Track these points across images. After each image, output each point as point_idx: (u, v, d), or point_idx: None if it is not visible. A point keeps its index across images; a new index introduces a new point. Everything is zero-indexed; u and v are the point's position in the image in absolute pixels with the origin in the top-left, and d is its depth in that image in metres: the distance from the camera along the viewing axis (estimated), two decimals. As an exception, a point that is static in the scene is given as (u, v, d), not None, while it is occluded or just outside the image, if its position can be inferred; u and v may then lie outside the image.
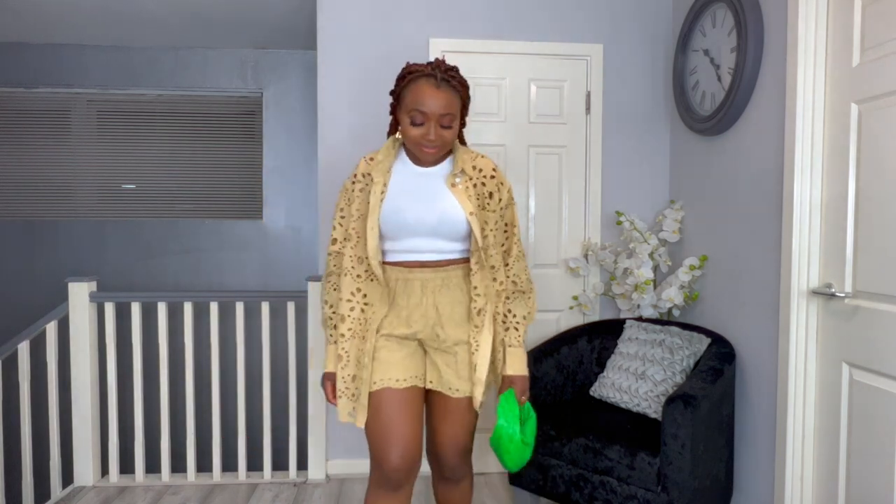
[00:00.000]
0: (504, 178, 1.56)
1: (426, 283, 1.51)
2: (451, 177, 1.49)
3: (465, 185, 1.49)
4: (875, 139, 1.64)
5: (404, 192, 1.50)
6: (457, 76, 1.45)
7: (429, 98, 1.40)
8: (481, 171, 1.52)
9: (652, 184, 2.80)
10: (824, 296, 1.82)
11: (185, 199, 3.85)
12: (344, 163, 2.68)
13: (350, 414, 1.53)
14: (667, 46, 2.78)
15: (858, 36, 1.70)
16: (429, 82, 1.41)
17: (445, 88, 1.42)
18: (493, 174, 1.53)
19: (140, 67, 3.73)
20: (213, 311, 2.67)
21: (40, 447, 3.53)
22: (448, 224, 1.47)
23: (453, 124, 1.45)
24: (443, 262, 1.52)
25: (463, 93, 1.48)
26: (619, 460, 1.91)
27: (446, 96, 1.41)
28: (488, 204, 1.51)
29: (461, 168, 1.50)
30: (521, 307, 1.58)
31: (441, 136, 1.44)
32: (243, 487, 2.62)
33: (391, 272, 1.53)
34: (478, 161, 1.54)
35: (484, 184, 1.51)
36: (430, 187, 1.50)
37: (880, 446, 1.62)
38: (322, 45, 2.66)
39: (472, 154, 1.55)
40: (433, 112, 1.40)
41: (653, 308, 2.53)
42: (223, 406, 3.77)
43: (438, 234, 1.49)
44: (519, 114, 2.73)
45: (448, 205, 1.47)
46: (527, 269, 1.61)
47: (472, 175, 1.51)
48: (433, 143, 1.44)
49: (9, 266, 3.74)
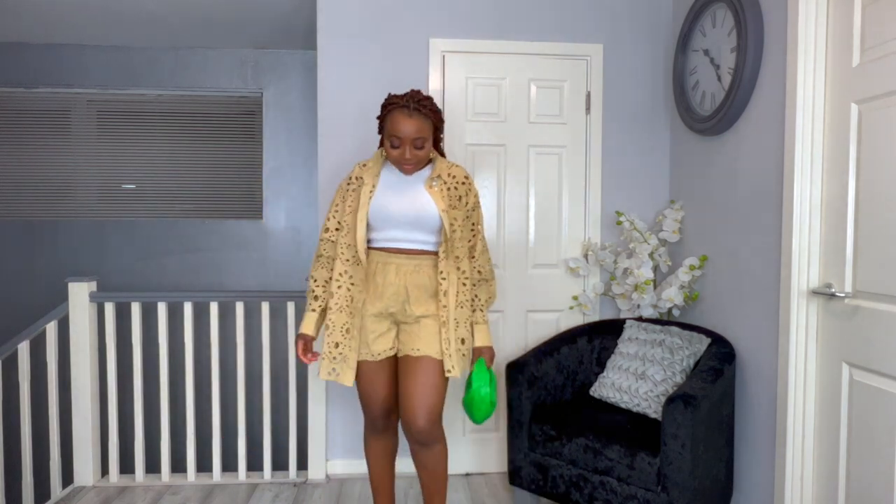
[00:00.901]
0: (472, 185, 1.89)
1: (400, 266, 1.82)
2: (429, 181, 1.81)
3: (440, 188, 1.81)
4: (875, 139, 1.64)
5: (389, 191, 1.82)
6: (428, 105, 1.74)
7: (403, 125, 1.71)
8: (454, 178, 1.85)
9: (652, 184, 2.80)
10: (824, 296, 1.82)
11: (185, 199, 3.85)
12: (344, 162, 2.68)
13: (330, 373, 1.83)
14: (667, 46, 2.78)
15: (858, 36, 1.70)
16: (402, 112, 1.71)
17: (417, 116, 1.71)
18: (464, 181, 1.86)
19: (140, 67, 3.73)
20: (213, 311, 2.67)
21: (40, 447, 3.53)
22: (424, 218, 1.79)
23: (425, 145, 1.76)
24: (416, 251, 1.83)
25: (433, 118, 1.76)
26: (619, 460, 1.91)
27: (417, 123, 1.71)
28: (458, 204, 1.83)
29: (437, 174, 1.82)
30: (484, 292, 1.95)
31: (415, 154, 1.75)
32: (243, 487, 2.62)
33: (373, 255, 1.84)
34: (452, 169, 1.86)
35: (456, 188, 1.84)
36: (411, 188, 1.82)
37: (880, 446, 1.62)
38: (322, 45, 2.66)
39: (448, 163, 1.87)
40: (407, 136, 1.71)
41: (653, 308, 2.53)
42: (223, 406, 3.78)
43: (416, 226, 1.80)
44: (519, 114, 2.73)
45: (425, 202, 1.79)
46: (489, 260, 1.97)
47: (446, 180, 1.83)
48: (409, 161, 1.75)
49: (9, 266, 3.74)
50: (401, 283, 1.82)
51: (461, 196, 1.84)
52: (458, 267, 1.85)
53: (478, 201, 1.92)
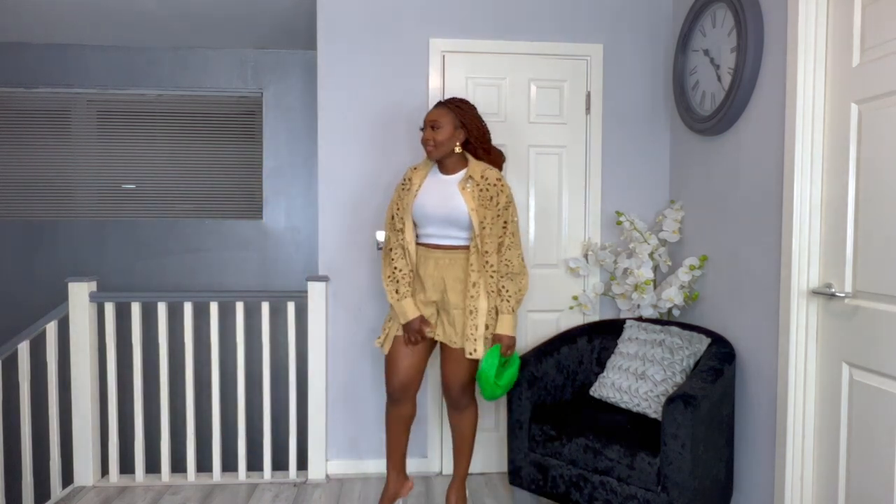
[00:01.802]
0: (505, 187, 2.08)
1: (438, 260, 2.08)
2: (462, 182, 2.05)
3: (472, 189, 2.03)
4: (875, 139, 1.64)
5: (428, 192, 2.09)
6: (455, 100, 2.09)
7: (428, 113, 2.09)
8: (487, 180, 2.05)
9: (652, 184, 2.80)
10: (824, 296, 1.82)
11: (185, 199, 3.85)
12: (344, 163, 2.68)
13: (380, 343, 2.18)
14: (667, 46, 2.78)
15: (858, 36, 1.70)
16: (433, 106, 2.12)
17: (440, 107, 2.07)
18: (496, 183, 2.06)
19: (140, 67, 3.73)
20: (213, 311, 2.67)
21: (40, 447, 3.53)
22: (455, 215, 2.02)
23: (442, 129, 2.03)
24: (451, 246, 2.08)
25: (456, 112, 2.05)
26: (619, 460, 1.91)
27: (438, 111, 2.06)
28: (489, 204, 2.03)
29: (470, 175, 2.05)
30: (512, 285, 2.09)
31: (432, 136, 2.03)
32: (243, 487, 2.62)
33: (420, 250, 2.12)
34: (486, 172, 2.07)
35: (487, 189, 2.04)
36: (446, 190, 2.07)
37: (880, 446, 1.62)
38: (322, 45, 2.66)
39: (483, 167, 2.08)
40: (427, 120, 2.07)
41: (653, 308, 2.53)
42: (223, 406, 3.77)
43: (449, 223, 2.04)
44: (519, 114, 2.73)
45: (457, 202, 2.03)
46: (519, 255, 2.11)
47: (478, 181, 2.04)
48: (427, 141, 2.04)
49: (9, 266, 3.74)
50: (439, 275, 2.08)
51: (492, 196, 2.04)
52: (486, 261, 2.05)
53: (510, 201, 2.09)
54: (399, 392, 2.14)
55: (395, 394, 2.15)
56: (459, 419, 2.21)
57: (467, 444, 2.23)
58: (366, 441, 2.75)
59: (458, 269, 2.06)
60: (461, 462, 2.24)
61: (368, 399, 2.74)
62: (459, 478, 2.26)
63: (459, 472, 2.25)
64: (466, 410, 2.20)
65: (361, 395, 2.74)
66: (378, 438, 2.75)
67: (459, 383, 2.12)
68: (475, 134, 2.10)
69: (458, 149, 2.09)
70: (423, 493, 2.55)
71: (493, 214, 2.03)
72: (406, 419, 2.20)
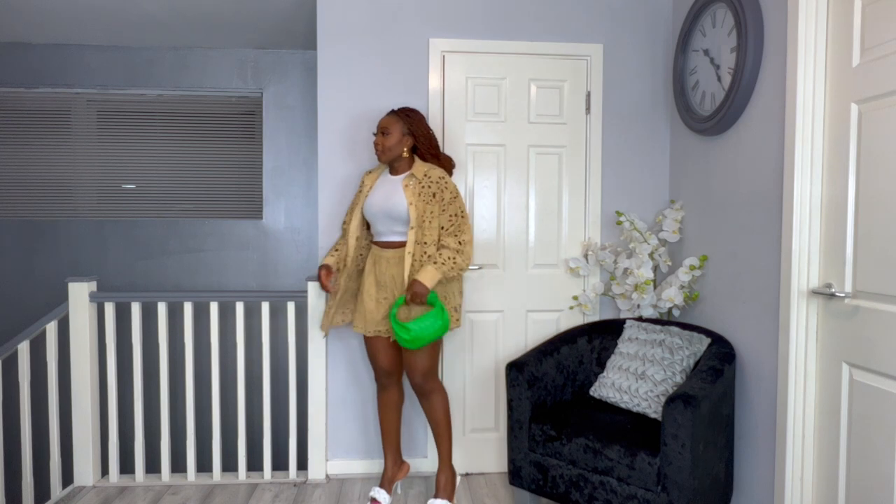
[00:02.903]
0: (448, 183, 2.26)
1: (389, 259, 2.25)
2: (405, 179, 2.25)
3: (414, 186, 2.22)
4: (875, 139, 1.64)
5: (376, 192, 2.29)
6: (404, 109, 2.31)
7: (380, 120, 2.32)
8: (429, 178, 2.24)
9: (652, 184, 2.80)
10: (824, 296, 1.82)
11: (185, 199, 3.85)
12: (343, 163, 2.68)
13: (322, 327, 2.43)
14: (667, 46, 2.78)
15: (858, 36, 1.70)
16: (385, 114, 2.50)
17: (391, 115, 2.29)
18: (438, 180, 2.24)
19: (140, 67, 3.73)
20: (213, 311, 2.67)
21: (40, 447, 3.53)
22: (396, 210, 2.20)
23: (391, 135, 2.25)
24: (398, 243, 2.25)
25: (405, 119, 2.27)
26: (619, 460, 1.91)
27: (388, 118, 2.28)
28: (431, 200, 2.21)
29: (412, 174, 2.25)
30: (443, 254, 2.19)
31: (381, 140, 2.25)
32: (243, 487, 2.62)
33: (374, 250, 2.30)
34: (429, 171, 2.26)
35: (430, 186, 2.23)
36: (391, 187, 2.26)
37: (880, 446, 1.62)
38: (322, 45, 2.66)
39: (427, 167, 2.28)
40: (378, 126, 2.28)
41: (653, 308, 2.53)
42: (223, 406, 3.77)
43: (391, 217, 2.21)
44: (519, 114, 2.73)
45: (398, 198, 2.22)
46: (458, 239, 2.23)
47: (420, 179, 2.23)
48: (377, 145, 2.26)
49: (9, 266, 3.74)
50: (390, 272, 2.25)
51: (435, 193, 2.22)
52: (425, 252, 2.21)
53: (455, 196, 2.26)
54: (385, 378, 2.37)
55: (382, 379, 2.38)
56: (429, 405, 2.33)
57: (442, 427, 2.34)
58: (366, 441, 2.75)
59: (404, 265, 2.23)
60: (443, 446, 2.36)
61: (368, 399, 2.74)
62: (444, 461, 2.37)
63: (443, 456, 2.37)
64: (433, 395, 2.32)
65: (361, 395, 2.74)
66: (378, 438, 2.75)
67: (419, 371, 2.26)
68: (422, 140, 2.31)
69: (406, 153, 2.28)
70: (423, 492, 2.55)
71: (437, 209, 2.22)
72: (395, 404, 2.42)
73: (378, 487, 2.41)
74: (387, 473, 2.44)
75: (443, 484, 2.36)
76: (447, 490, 2.36)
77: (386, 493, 2.40)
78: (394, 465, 2.45)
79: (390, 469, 2.45)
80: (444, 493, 2.35)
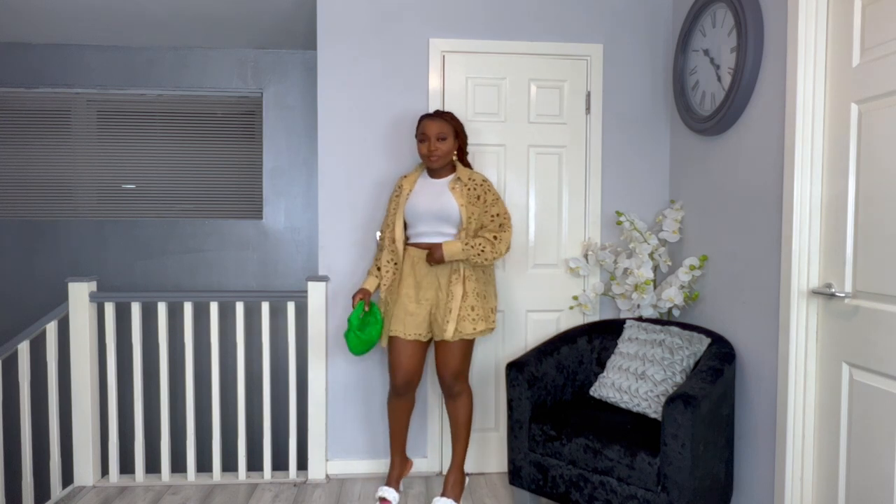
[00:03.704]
0: (490, 186, 2.32)
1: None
2: (451, 183, 2.29)
3: (461, 189, 2.26)
4: (875, 139, 1.64)
5: (420, 194, 2.30)
6: (448, 113, 2.28)
7: (428, 126, 2.25)
8: (474, 181, 2.29)
9: (652, 184, 2.80)
10: (824, 296, 1.82)
11: (185, 199, 3.85)
12: (344, 163, 2.68)
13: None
14: (667, 46, 2.78)
15: (858, 36, 1.70)
16: (427, 117, 2.27)
17: (438, 119, 2.25)
18: (482, 183, 2.30)
19: (140, 67, 3.73)
20: (213, 311, 2.67)
21: (40, 447, 3.53)
22: (446, 211, 2.24)
23: (447, 140, 2.24)
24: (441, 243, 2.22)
25: (452, 122, 2.26)
26: (619, 460, 1.91)
27: (438, 123, 2.24)
28: (476, 202, 2.27)
29: (458, 178, 2.29)
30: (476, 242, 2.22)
31: (438, 147, 2.23)
32: (243, 487, 2.62)
33: (410, 251, 2.30)
34: (472, 175, 2.31)
35: (474, 189, 2.27)
36: (437, 190, 2.29)
37: (880, 446, 1.62)
38: (322, 45, 2.66)
39: (470, 171, 2.32)
40: (430, 132, 2.24)
41: (653, 308, 2.53)
42: (223, 406, 3.77)
43: (440, 219, 2.24)
44: (519, 114, 2.73)
45: (447, 199, 2.25)
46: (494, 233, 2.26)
47: (466, 182, 2.28)
48: (433, 152, 2.24)
49: (9, 266, 3.74)
50: (433, 273, 2.26)
51: (479, 195, 2.27)
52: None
53: (497, 198, 2.32)
54: (403, 387, 2.32)
55: (400, 388, 2.33)
56: (454, 406, 2.36)
57: (463, 430, 2.37)
58: (366, 441, 2.75)
59: (449, 265, 2.24)
60: (458, 448, 2.38)
61: (368, 399, 2.74)
62: (457, 463, 2.39)
63: (457, 458, 2.39)
64: (460, 397, 2.35)
65: (361, 395, 2.74)
66: (378, 438, 2.75)
67: (451, 371, 2.28)
68: (463, 141, 2.36)
69: (455, 156, 2.32)
70: (423, 493, 2.55)
71: (480, 210, 2.27)
72: (408, 410, 2.41)
73: (386, 486, 2.41)
74: (394, 472, 2.44)
75: (451, 485, 2.37)
76: (455, 491, 2.37)
77: (395, 491, 2.40)
78: (400, 465, 2.46)
79: (397, 468, 2.45)
80: (452, 493, 2.36)
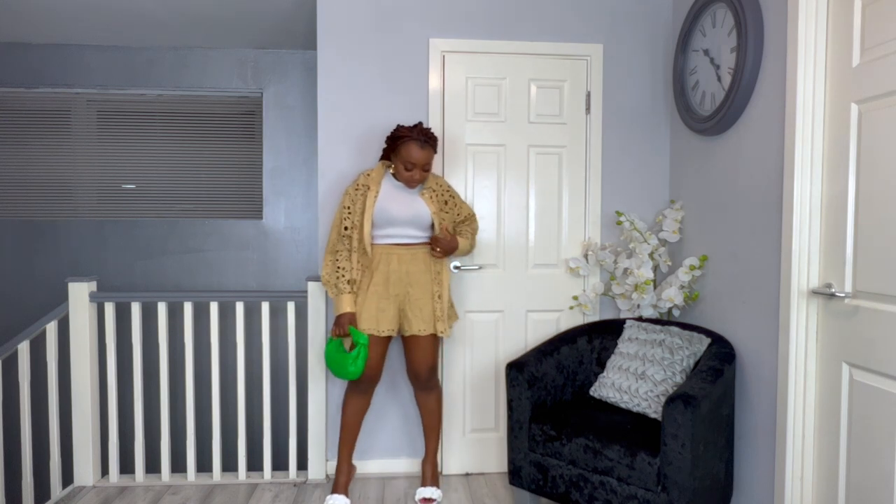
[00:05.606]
0: (451, 188, 2.46)
1: (401, 256, 2.32)
2: (423, 190, 2.37)
3: (430, 195, 2.37)
4: (875, 139, 1.64)
5: (390, 198, 2.32)
6: (434, 140, 2.31)
7: (417, 155, 2.26)
8: (441, 186, 2.42)
9: (652, 184, 2.80)
10: (824, 296, 1.82)
11: (185, 199, 3.85)
12: (343, 163, 2.68)
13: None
14: (667, 46, 2.78)
15: (858, 36, 1.70)
16: (416, 144, 2.26)
17: (427, 148, 2.27)
18: (447, 189, 2.44)
19: (140, 67, 3.73)
20: (213, 311, 2.67)
21: (40, 447, 3.53)
22: (419, 218, 2.33)
23: (429, 169, 2.33)
24: (411, 243, 2.34)
25: (434, 146, 2.31)
26: (619, 460, 1.91)
27: (427, 153, 2.28)
28: (444, 205, 2.41)
29: (428, 185, 2.38)
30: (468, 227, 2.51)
31: (423, 175, 2.31)
32: (243, 487, 2.62)
33: (378, 249, 2.33)
34: (437, 180, 2.43)
35: (442, 195, 2.41)
36: (408, 196, 2.35)
37: (880, 446, 1.62)
38: (322, 45, 2.66)
39: (433, 176, 2.43)
40: (419, 163, 2.27)
41: (653, 308, 2.53)
42: (223, 406, 3.77)
43: (412, 224, 2.32)
44: (519, 114, 2.73)
45: (420, 206, 2.34)
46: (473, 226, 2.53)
47: (434, 188, 2.39)
48: (419, 181, 2.31)
49: (9, 266, 3.74)
50: (403, 269, 2.31)
51: (446, 200, 2.42)
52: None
53: (461, 199, 2.49)
54: (367, 384, 2.36)
55: (364, 385, 2.36)
56: (428, 399, 2.46)
57: (437, 420, 2.49)
58: (366, 441, 2.75)
59: (419, 262, 2.33)
60: (432, 437, 2.49)
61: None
62: (432, 451, 2.50)
63: (431, 447, 2.50)
64: (435, 390, 2.47)
65: (361, 395, 2.74)
66: (378, 438, 2.75)
67: (428, 365, 2.38)
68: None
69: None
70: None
71: (452, 215, 2.44)
72: (365, 409, 2.43)
73: (338, 494, 2.37)
74: (342, 477, 2.40)
75: (430, 474, 2.48)
76: (436, 480, 2.48)
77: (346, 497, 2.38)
78: (349, 470, 2.45)
79: (346, 473, 2.42)
80: (433, 482, 2.47)
